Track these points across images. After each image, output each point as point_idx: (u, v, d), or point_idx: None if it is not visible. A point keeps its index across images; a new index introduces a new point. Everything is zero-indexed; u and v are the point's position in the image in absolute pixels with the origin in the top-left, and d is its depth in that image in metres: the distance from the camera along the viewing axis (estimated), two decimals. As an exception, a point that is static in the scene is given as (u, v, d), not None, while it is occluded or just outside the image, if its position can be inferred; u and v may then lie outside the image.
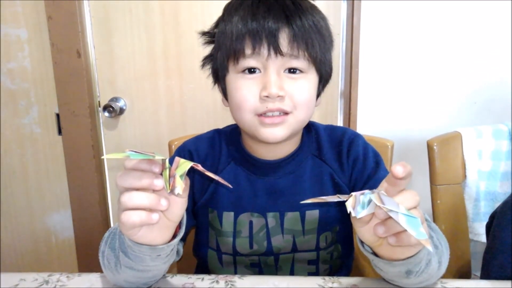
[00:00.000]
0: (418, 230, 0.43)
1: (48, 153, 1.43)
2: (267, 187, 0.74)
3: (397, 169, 0.45)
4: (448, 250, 0.64)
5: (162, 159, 0.49)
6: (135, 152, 0.47)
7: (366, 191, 0.47)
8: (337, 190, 0.74)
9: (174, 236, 0.56)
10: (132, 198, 0.48)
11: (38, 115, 1.40)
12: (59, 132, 1.40)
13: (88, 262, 1.49)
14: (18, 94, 1.39)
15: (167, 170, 0.49)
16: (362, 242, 0.55)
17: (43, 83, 1.37)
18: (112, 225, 1.50)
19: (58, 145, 1.41)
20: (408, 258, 0.52)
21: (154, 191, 0.50)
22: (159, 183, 0.48)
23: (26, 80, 1.38)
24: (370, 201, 0.46)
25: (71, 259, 1.51)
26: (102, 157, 0.47)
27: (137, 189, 0.49)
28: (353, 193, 0.48)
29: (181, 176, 0.49)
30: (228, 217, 0.74)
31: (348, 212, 0.47)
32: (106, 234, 0.64)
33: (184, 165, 0.49)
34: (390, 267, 0.54)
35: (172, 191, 0.49)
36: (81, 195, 1.43)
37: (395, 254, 0.52)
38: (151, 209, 0.49)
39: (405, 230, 0.44)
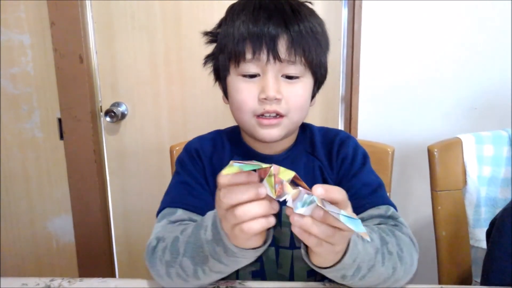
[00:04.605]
0: (359, 228, 0.44)
1: (50, 158, 1.44)
2: None
3: (318, 190, 0.46)
4: (412, 256, 0.65)
5: (268, 166, 0.49)
6: (240, 163, 0.47)
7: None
8: None
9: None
10: (247, 212, 0.49)
11: (40, 119, 1.41)
12: (61, 136, 1.40)
13: (88, 267, 1.49)
14: (20, 99, 1.39)
15: (272, 177, 0.48)
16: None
17: (46, 88, 1.38)
18: (113, 229, 1.51)
19: (60, 150, 1.42)
20: (333, 266, 0.55)
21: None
22: (263, 191, 0.49)
23: (28, 85, 1.38)
24: (311, 202, 0.47)
25: (71, 264, 1.51)
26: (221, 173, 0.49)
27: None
28: (300, 189, 0.48)
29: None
30: None
31: (286, 203, 0.47)
32: (164, 245, 0.63)
33: (286, 173, 0.49)
34: (324, 272, 0.58)
35: (279, 197, 0.49)
36: (82, 200, 1.43)
37: (318, 262, 0.56)
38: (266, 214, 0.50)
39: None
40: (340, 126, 1.43)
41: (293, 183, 0.49)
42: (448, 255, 1.00)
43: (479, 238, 1.01)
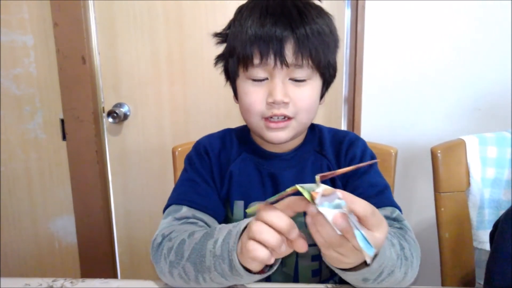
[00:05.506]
0: (369, 250, 0.43)
1: (52, 158, 1.44)
2: (273, 178, 0.78)
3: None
4: (418, 261, 0.66)
5: (293, 189, 0.48)
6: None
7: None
8: (333, 184, 0.77)
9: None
10: (261, 232, 0.50)
11: (42, 120, 1.41)
12: (64, 137, 1.41)
13: (90, 267, 1.49)
14: (23, 100, 1.40)
15: (305, 191, 0.46)
16: None
17: (48, 88, 1.38)
18: (115, 230, 1.51)
19: (62, 151, 1.42)
20: (358, 269, 0.54)
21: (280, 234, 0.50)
22: (293, 234, 0.49)
23: (31, 86, 1.39)
24: (337, 207, 0.44)
25: (74, 265, 1.51)
26: (247, 211, 0.52)
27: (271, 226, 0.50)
28: (336, 190, 0.45)
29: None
30: (238, 206, 0.78)
31: (314, 194, 0.45)
32: (171, 245, 0.64)
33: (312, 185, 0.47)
34: (344, 275, 0.57)
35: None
36: (85, 201, 1.43)
37: (330, 261, 0.54)
38: (272, 248, 0.50)
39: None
40: (343, 127, 1.43)
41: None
42: (451, 257, 0.99)
43: (482, 240, 1.01)
